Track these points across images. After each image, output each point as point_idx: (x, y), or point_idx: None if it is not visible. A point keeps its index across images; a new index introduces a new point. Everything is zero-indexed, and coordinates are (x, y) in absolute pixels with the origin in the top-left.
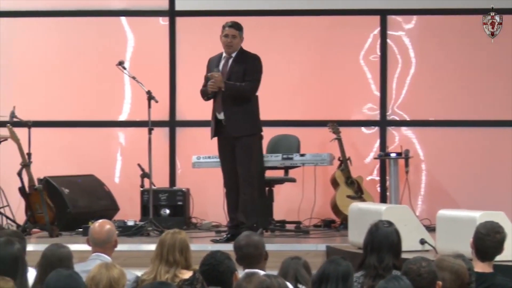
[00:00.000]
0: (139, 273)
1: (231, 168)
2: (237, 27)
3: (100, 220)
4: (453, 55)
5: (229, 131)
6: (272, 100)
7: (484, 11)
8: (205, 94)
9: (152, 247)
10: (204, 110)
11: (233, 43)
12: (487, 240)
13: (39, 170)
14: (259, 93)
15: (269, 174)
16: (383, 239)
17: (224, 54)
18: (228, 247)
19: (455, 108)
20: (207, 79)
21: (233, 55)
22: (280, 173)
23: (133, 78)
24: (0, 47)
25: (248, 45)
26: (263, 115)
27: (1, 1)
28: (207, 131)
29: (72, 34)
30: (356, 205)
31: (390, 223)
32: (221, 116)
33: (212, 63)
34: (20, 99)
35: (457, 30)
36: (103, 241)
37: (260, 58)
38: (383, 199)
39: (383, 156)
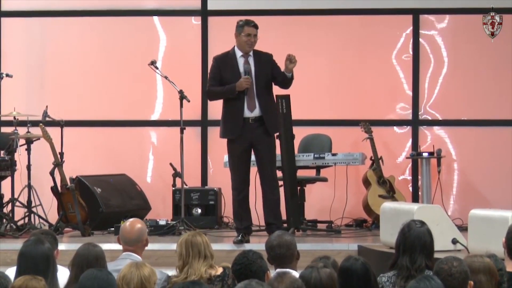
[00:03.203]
0: (170, 272)
1: (244, 170)
2: (257, 26)
3: (131, 219)
4: (486, 54)
5: (270, 130)
6: (304, 100)
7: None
8: (225, 94)
9: (179, 246)
10: None
11: (255, 42)
12: None
13: (72, 170)
14: (290, 91)
15: (300, 173)
16: (415, 240)
17: (239, 53)
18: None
19: (487, 108)
20: (215, 79)
21: (251, 54)
22: (312, 173)
23: (165, 77)
24: (33, 47)
25: (279, 44)
26: (295, 115)
27: (35, 1)
28: None
29: (104, 34)
30: (388, 204)
31: (422, 223)
32: (254, 113)
33: (225, 62)
34: (53, 99)
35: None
36: (133, 241)
37: None
38: (415, 198)
39: (415, 155)
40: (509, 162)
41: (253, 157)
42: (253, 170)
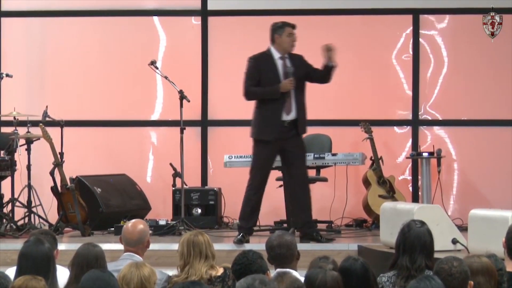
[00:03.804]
0: (170, 272)
1: (267, 172)
2: (295, 26)
3: (133, 220)
4: (486, 54)
5: (300, 131)
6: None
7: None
8: (266, 95)
9: (180, 245)
10: (236, 110)
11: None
12: None
13: (72, 170)
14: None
15: None
16: (415, 240)
17: (277, 54)
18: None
19: (487, 108)
20: (254, 79)
21: (286, 55)
22: (312, 173)
23: (165, 77)
24: (33, 47)
25: None
26: None
27: (35, 1)
28: (239, 130)
29: (104, 34)
30: (388, 204)
31: (422, 223)
32: (289, 116)
33: (264, 63)
34: (53, 99)
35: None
36: (135, 242)
37: None
38: (415, 198)
39: (415, 155)
40: (509, 162)
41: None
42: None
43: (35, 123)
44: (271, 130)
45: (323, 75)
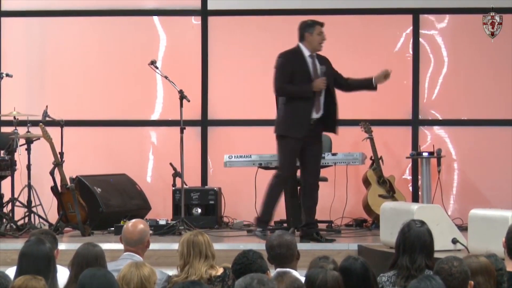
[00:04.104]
0: (170, 272)
1: (296, 167)
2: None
3: (134, 220)
4: (486, 54)
5: (333, 130)
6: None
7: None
8: (299, 93)
9: (180, 245)
10: (236, 109)
11: None
12: None
13: (72, 169)
14: None
15: None
16: (415, 240)
17: (307, 52)
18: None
19: (487, 107)
20: (287, 75)
21: (314, 54)
22: None
23: (165, 77)
24: (33, 47)
25: (281, 44)
26: None
27: (34, 1)
28: (239, 130)
29: (104, 34)
30: (388, 204)
31: (422, 223)
32: (317, 115)
33: (295, 60)
34: (53, 99)
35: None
36: (135, 242)
37: None
38: (415, 198)
39: (415, 155)
40: (509, 161)
41: None
42: (249, 170)
43: (35, 123)
44: (301, 127)
45: (354, 86)
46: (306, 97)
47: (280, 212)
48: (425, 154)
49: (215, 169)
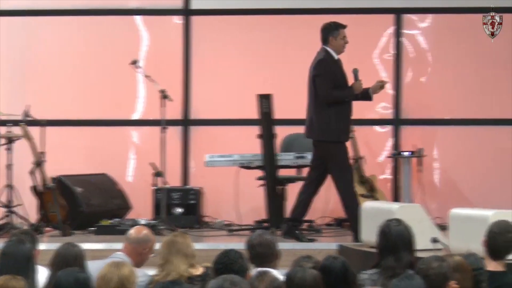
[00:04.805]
0: (151, 272)
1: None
2: None
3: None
4: (468, 53)
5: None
6: (286, 99)
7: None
8: (344, 97)
9: (160, 246)
10: (218, 109)
11: None
12: (499, 239)
13: (53, 169)
14: (273, 91)
15: (282, 172)
16: (397, 239)
17: (335, 56)
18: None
19: (468, 107)
20: (332, 81)
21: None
22: (293, 172)
23: (147, 77)
24: (15, 46)
25: (264, 43)
26: (277, 114)
27: (16, 0)
28: (220, 130)
29: (86, 33)
30: (369, 204)
31: (399, 221)
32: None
33: (333, 65)
34: (34, 98)
35: (472, 28)
36: (136, 239)
37: None
38: (396, 198)
39: (396, 155)
40: (489, 161)
41: None
42: (230, 170)
43: (16, 123)
44: (349, 131)
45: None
46: (348, 101)
47: (261, 211)
48: (406, 153)
49: (197, 168)
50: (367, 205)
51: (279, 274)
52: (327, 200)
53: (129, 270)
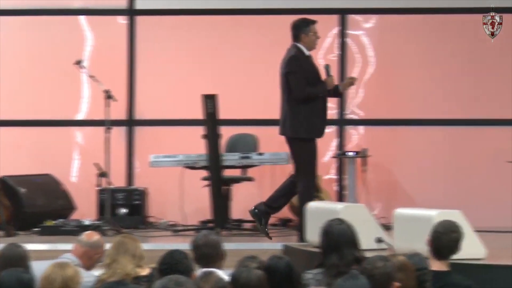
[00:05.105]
0: (96, 272)
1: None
2: None
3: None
4: (412, 54)
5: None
6: (231, 99)
7: (452, 10)
8: (318, 93)
9: (108, 246)
10: (163, 109)
11: None
12: (443, 238)
13: None
14: (218, 91)
15: (226, 173)
16: (339, 237)
17: (307, 52)
18: None
19: (412, 107)
20: (304, 78)
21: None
22: (237, 172)
23: (91, 77)
24: None
25: (208, 44)
26: (222, 114)
27: None
28: (165, 130)
29: (30, 33)
30: (314, 204)
31: (341, 220)
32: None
33: (304, 61)
34: None
35: (415, 29)
36: (88, 243)
37: None
38: (341, 198)
39: (341, 155)
40: (432, 161)
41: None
42: (175, 170)
43: None
44: (323, 127)
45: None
46: (322, 96)
47: (206, 211)
48: (351, 153)
49: (141, 169)
50: (311, 205)
51: (224, 274)
52: None
53: (74, 271)
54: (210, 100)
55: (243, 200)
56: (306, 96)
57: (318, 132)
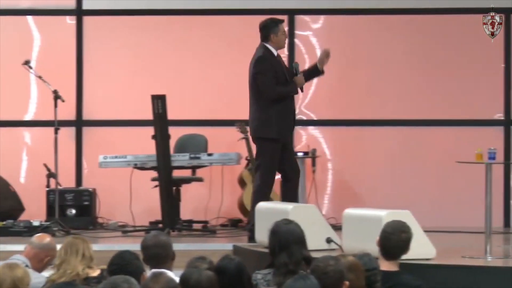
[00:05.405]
0: (46, 274)
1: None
2: None
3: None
4: (360, 54)
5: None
6: (180, 99)
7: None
8: (288, 93)
9: (58, 247)
10: (112, 110)
11: None
12: (392, 239)
13: None
14: (167, 91)
15: (176, 173)
16: (288, 236)
17: (275, 52)
18: None
19: (360, 108)
20: (273, 78)
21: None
22: (187, 173)
23: (40, 77)
24: None
25: (157, 44)
26: (171, 115)
27: None
28: (114, 130)
29: None
30: (263, 204)
31: (289, 221)
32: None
33: (273, 61)
34: None
35: (363, 29)
36: (40, 245)
37: None
38: None
39: None
40: (382, 161)
41: None
42: (124, 170)
43: None
44: (289, 127)
45: (306, 77)
46: (290, 97)
47: (155, 212)
48: (300, 154)
49: (90, 170)
50: (261, 205)
51: (174, 275)
52: (220, 201)
53: (23, 272)
54: (159, 101)
55: (193, 200)
56: (277, 96)
57: (281, 132)
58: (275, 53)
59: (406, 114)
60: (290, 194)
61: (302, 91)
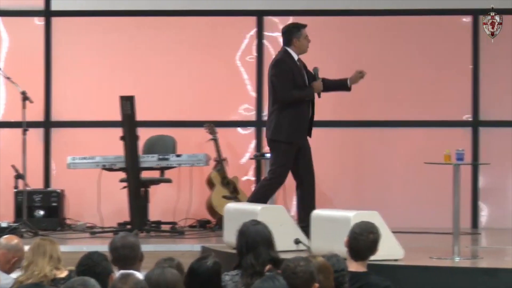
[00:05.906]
0: (14, 275)
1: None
2: None
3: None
4: (328, 55)
5: (308, 131)
6: (149, 101)
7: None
8: (304, 97)
9: (26, 248)
10: (80, 111)
11: None
12: (360, 239)
13: None
14: (135, 92)
15: (144, 174)
16: (256, 236)
17: (295, 56)
18: None
19: (330, 109)
20: (291, 81)
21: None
22: (156, 174)
23: (8, 78)
24: None
25: (125, 45)
26: (139, 116)
27: None
28: (83, 131)
29: None
30: (232, 205)
31: (257, 221)
32: (309, 116)
33: (292, 65)
34: None
35: (331, 30)
36: (7, 247)
37: None
38: None
39: (259, 156)
40: (350, 161)
41: None
42: (93, 171)
43: None
44: (304, 131)
45: (329, 87)
46: (307, 101)
47: (124, 213)
48: (269, 155)
49: (59, 171)
50: (230, 206)
51: (142, 276)
52: (189, 202)
53: None
54: (127, 102)
55: (161, 201)
56: (292, 99)
57: (295, 135)
58: (296, 57)
59: (374, 115)
60: (308, 199)
61: (319, 96)
